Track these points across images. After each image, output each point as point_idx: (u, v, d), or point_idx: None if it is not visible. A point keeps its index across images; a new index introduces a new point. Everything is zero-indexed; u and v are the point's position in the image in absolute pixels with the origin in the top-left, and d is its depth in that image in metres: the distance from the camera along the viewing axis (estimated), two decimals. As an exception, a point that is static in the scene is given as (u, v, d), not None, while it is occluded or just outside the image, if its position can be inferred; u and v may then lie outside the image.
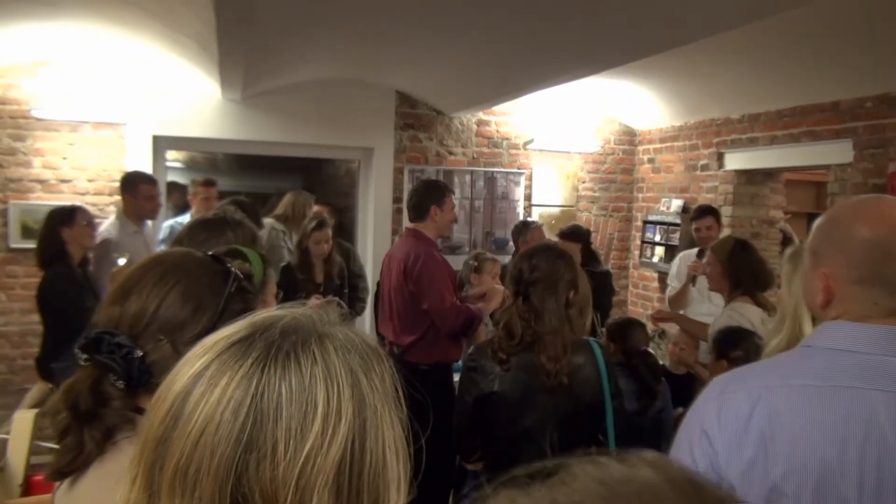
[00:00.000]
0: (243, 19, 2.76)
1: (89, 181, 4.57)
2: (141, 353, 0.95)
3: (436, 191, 3.35)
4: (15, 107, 4.40)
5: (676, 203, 5.26)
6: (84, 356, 0.94)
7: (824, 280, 1.11)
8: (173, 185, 5.21)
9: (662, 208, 5.41)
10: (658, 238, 5.45)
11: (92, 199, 4.54)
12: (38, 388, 2.99)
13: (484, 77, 4.39)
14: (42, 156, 4.47)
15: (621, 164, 5.82)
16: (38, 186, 4.47)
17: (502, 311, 2.20)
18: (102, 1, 3.45)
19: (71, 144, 4.52)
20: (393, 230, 5.18)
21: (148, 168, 4.63)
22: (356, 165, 5.46)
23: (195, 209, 4.52)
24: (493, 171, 5.45)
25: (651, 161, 5.66)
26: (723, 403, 1.08)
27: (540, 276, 2.12)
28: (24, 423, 2.19)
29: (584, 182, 5.74)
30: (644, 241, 5.64)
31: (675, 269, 4.41)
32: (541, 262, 2.15)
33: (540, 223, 4.68)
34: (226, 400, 0.56)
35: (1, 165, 4.39)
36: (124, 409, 0.94)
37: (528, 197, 5.57)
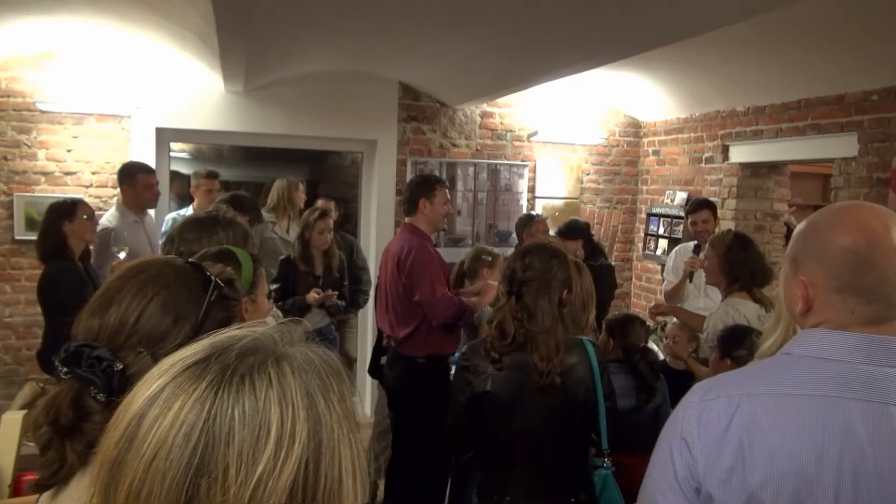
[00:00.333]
0: (242, 13, 2.76)
1: (93, 173, 4.59)
2: (121, 366, 0.95)
3: (425, 184, 3.40)
4: (19, 99, 4.41)
5: (681, 196, 5.23)
6: (64, 370, 0.95)
7: (803, 288, 1.11)
8: (174, 175, 5.23)
9: (667, 201, 5.38)
10: (662, 231, 5.43)
11: (96, 192, 4.56)
12: (28, 388, 3.02)
13: (488, 69, 4.36)
14: (46, 148, 4.49)
15: (626, 157, 5.79)
16: (43, 179, 4.49)
17: (495, 311, 2.20)
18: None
19: (75, 137, 4.54)
20: (396, 223, 5.18)
21: (151, 160, 4.65)
22: (360, 157, 5.46)
23: (198, 202, 4.54)
24: (496, 164, 5.44)
25: (656, 153, 5.62)
26: (702, 410, 1.09)
27: (533, 275, 2.12)
28: (13, 425, 2.20)
29: (588, 174, 5.71)
30: (647, 234, 5.62)
31: (672, 262, 4.39)
32: (534, 261, 2.14)
33: (544, 216, 4.67)
34: (178, 423, 0.56)
35: (5, 158, 4.41)
36: (105, 423, 0.94)
37: (532, 189, 5.56)
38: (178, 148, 6.22)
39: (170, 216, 4.58)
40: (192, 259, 1.50)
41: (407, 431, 3.42)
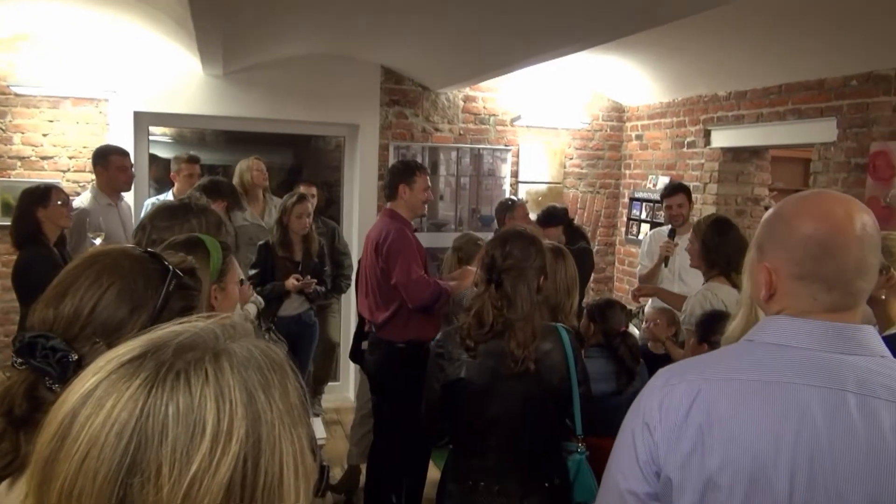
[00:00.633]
0: (216, -5, 2.72)
1: (70, 158, 4.53)
2: (76, 357, 0.95)
3: (405, 170, 3.40)
4: (-7, 82, 4.35)
5: (663, 180, 5.23)
6: (19, 360, 0.94)
7: (767, 274, 1.12)
8: (153, 159, 5.16)
9: (649, 185, 5.40)
10: (644, 215, 5.45)
11: (73, 177, 4.51)
12: (-4, 377, 2.99)
13: (471, 53, 4.33)
14: (22, 132, 4.42)
15: (609, 141, 5.79)
16: (19, 163, 4.43)
17: (473, 299, 2.20)
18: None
19: (51, 121, 4.47)
20: (378, 207, 5.15)
21: (130, 144, 4.59)
22: (343, 141, 5.42)
23: (178, 186, 4.49)
24: (479, 148, 5.42)
25: (639, 138, 5.63)
26: (665, 395, 1.10)
27: (513, 263, 2.12)
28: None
29: (571, 159, 5.71)
30: (630, 218, 5.64)
31: (646, 247, 4.41)
32: (514, 249, 2.14)
33: (524, 201, 4.66)
34: (111, 422, 0.55)
35: (-20, 142, 4.35)
36: None
37: (515, 174, 5.55)
38: (160, 132, 6.13)
39: (149, 201, 4.53)
40: (160, 247, 1.49)
41: (388, 416, 3.44)
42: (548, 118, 5.47)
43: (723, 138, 4.75)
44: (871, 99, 3.61)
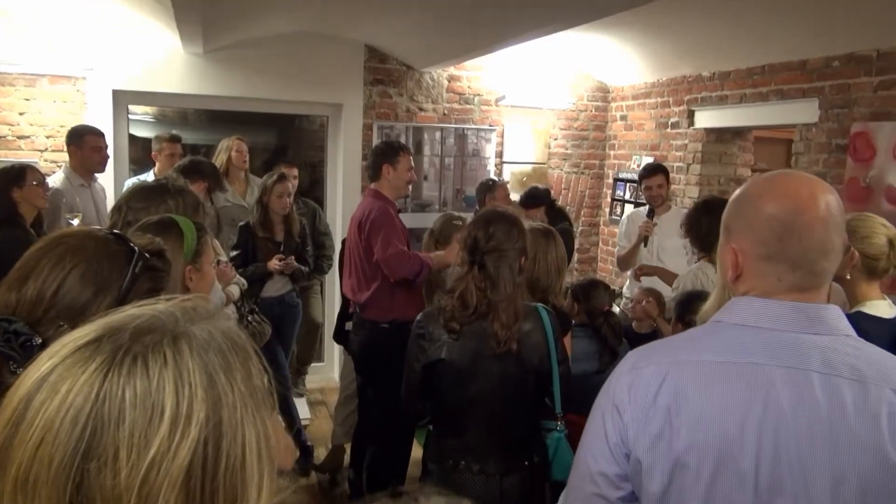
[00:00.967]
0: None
1: (48, 137, 4.45)
2: (40, 340, 0.94)
3: (388, 150, 3.40)
4: (-33, 59, 4.25)
5: (647, 161, 5.24)
6: None
7: (733, 255, 1.13)
8: (133, 139, 5.09)
9: (633, 166, 5.40)
10: (628, 196, 5.46)
11: (51, 156, 4.44)
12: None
13: (455, 31, 4.29)
14: (-3, 111, 4.35)
15: (594, 121, 5.78)
16: (-5, 143, 4.36)
17: (456, 280, 2.20)
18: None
19: (27, 99, 4.38)
20: (362, 187, 5.13)
21: (109, 123, 4.53)
22: (326, 120, 5.37)
23: (159, 166, 4.43)
24: (464, 128, 5.39)
25: (623, 118, 5.62)
26: (633, 378, 1.11)
27: (495, 244, 2.12)
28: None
29: (556, 139, 5.70)
30: (614, 199, 5.65)
31: (624, 228, 4.43)
32: (496, 230, 2.14)
33: (505, 181, 4.65)
34: (66, 407, 0.55)
35: (-45, 121, 4.27)
36: None
37: (500, 154, 5.53)
38: (142, 111, 6.05)
39: (130, 181, 4.47)
40: (133, 228, 1.47)
41: (372, 396, 3.45)
42: (533, 98, 5.44)
43: (706, 119, 4.76)
44: (853, 80, 3.63)
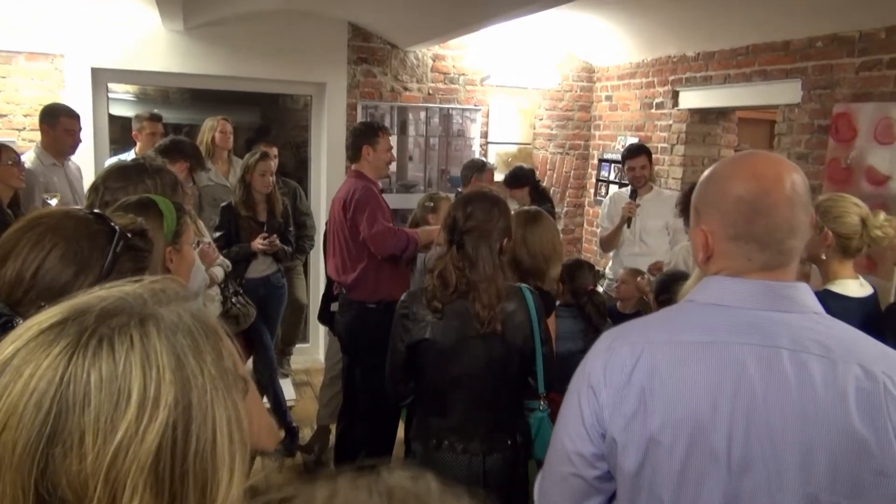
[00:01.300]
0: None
1: (25, 116, 4.37)
2: (21, 321, 0.93)
3: (368, 131, 3.40)
4: (-61, 36, 4.16)
5: (632, 141, 5.25)
6: None
7: (703, 237, 1.14)
8: (114, 118, 5.01)
9: (618, 147, 5.40)
10: (613, 177, 5.47)
11: (29, 136, 4.35)
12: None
13: (440, 9, 4.24)
14: (-28, 89, 4.27)
15: (579, 102, 5.77)
16: (-29, 121, 4.28)
17: (436, 260, 2.20)
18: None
19: (3, 77, 4.30)
20: (347, 167, 5.09)
21: (88, 102, 4.46)
22: (310, 100, 5.32)
23: (140, 146, 4.38)
24: (448, 108, 5.36)
25: (608, 98, 5.61)
26: (608, 358, 1.12)
27: (474, 224, 2.12)
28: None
29: (541, 119, 5.68)
30: (599, 180, 5.66)
31: (606, 209, 4.43)
32: (475, 210, 2.14)
33: (493, 165, 4.63)
34: (29, 391, 0.54)
35: (-71, 99, 4.18)
36: None
37: (485, 134, 5.51)
38: (122, 90, 5.96)
39: (110, 161, 4.41)
40: (111, 208, 1.45)
41: (360, 377, 3.46)
42: (518, 78, 5.41)
43: (690, 99, 4.76)
44: (835, 60, 3.64)
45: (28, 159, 3.67)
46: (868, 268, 3.16)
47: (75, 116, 3.79)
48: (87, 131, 4.07)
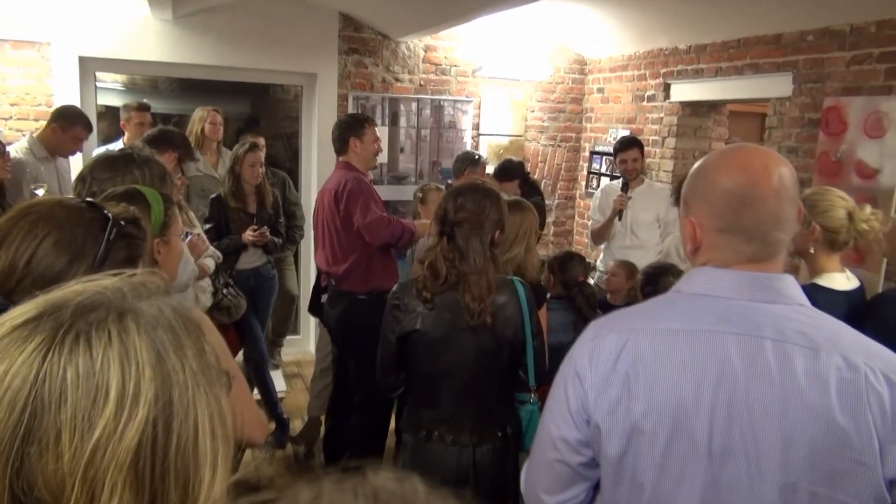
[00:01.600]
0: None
1: (12, 105, 4.33)
2: None
3: (354, 123, 3.40)
4: (-76, 23, 4.10)
5: (623, 134, 5.25)
6: None
7: (691, 228, 1.15)
8: (102, 109, 4.97)
9: (610, 139, 5.40)
10: (604, 169, 5.47)
11: (16, 125, 4.32)
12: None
13: (431, -1, 4.22)
14: (-43, 77, 4.21)
15: (571, 94, 5.76)
16: (-44, 111, 4.23)
17: (427, 251, 2.19)
18: None
19: (-11, 65, 4.26)
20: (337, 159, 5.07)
21: (75, 91, 4.41)
22: (300, 90, 5.28)
23: (128, 136, 4.34)
24: (440, 99, 5.34)
25: (600, 91, 5.61)
26: (595, 346, 1.13)
27: (465, 216, 2.11)
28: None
29: (533, 111, 5.67)
30: (590, 172, 5.66)
31: (598, 202, 4.44)
32: (466, 201, 2.13)
33: (486, 160, 4.62)
34: (3, 389, 0.53)
35: (-87, 87, 4.12)
36: None
37: (477, 126, 5.49)
38: (110, 79, 5.90)
39: (98, 151, 4.37)
40: (98, 200, 1.44)
41: (349, 368, 3.46)
42: (510, 69, 5.40)
43: (682, 92, 4.76)
44: (826, 54, 3.64)
45: (18, 149, 3.63)
46: (856, 261, 3.17)
47: (90, 130, 3.82)
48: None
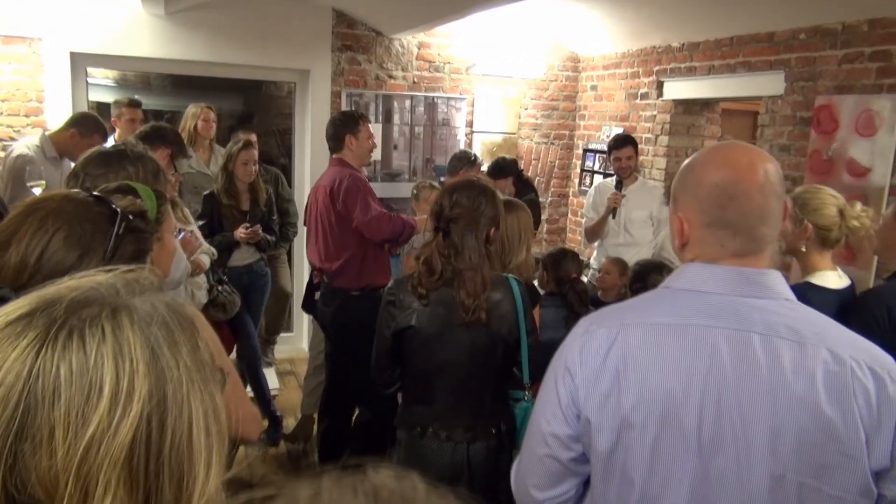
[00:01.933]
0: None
1: (3, 101, 4.29)
2: None
3: (349, 120, 3.40)
4: (-87, 18, 4.06)
5: (616, 132, 5.26)
6: None
7: (680, 224, 1.17)
8: (91, 105, 4.93)
9: (603, 137, 5.41)
10: (597, 167, 5.48)
11: (7, 120, 4.29)
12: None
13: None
14: (-52, 73, 4.18)
15: (564, 91, 5.77)
16: (-54, 106, 4.19)
17: (422, 247, 2.20)
18: None
19: (-21, 61, 4.23)
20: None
21: (67, 87, 4.38)
22: (294, 87, 5.27)
23: (120, 132, 4.31)
24: (434, 97, 5.34)
25: (594, 88, 5.62)
26: (585, 341, 1.14)
27: (460, 212, 2.11)
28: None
29: (526, 109, 5.67)
30: (584, 170, 5.67)
31: (591, 199, 4.45)
32: (462, 198, 2.13)
33: (481, 160, 4.62)
34: None
35: None
36: None
37: (470, 123, 5.49)
38: (102, 75, 5.87)
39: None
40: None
41: (342, 365, 3.45)
42: (503, 67, 5.40)
43: (675, 90, 4.78)
44: (818, 52, 3.66)
45: (28, 144, 3.58)
46: (848, 258, 3.20)
47: (107, 140, 3.76)
48: (66, 118, 3.99)
